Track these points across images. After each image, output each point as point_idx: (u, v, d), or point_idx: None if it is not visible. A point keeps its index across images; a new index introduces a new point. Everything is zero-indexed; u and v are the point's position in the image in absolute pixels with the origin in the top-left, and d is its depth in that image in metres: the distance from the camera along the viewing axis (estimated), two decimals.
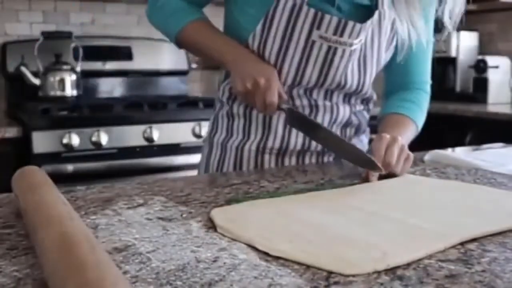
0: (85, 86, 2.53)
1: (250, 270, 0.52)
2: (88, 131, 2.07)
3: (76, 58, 2.49)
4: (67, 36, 2.47)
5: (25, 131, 2.03)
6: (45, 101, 2.32)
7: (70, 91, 2.39)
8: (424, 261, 0.55)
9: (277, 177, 0.95)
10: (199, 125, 2.26)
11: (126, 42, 2.75)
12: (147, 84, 2.82)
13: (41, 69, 2.39)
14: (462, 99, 3.09)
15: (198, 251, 0.57)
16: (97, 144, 2.08)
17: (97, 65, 2.65)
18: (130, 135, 2.16)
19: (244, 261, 0.54)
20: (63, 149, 2.03)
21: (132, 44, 2.75)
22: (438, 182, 0.92)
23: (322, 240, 0.60)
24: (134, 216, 0.70)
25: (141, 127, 2.18)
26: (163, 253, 0.56)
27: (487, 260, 0.56)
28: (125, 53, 2.73)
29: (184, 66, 2.88)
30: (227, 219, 0.66)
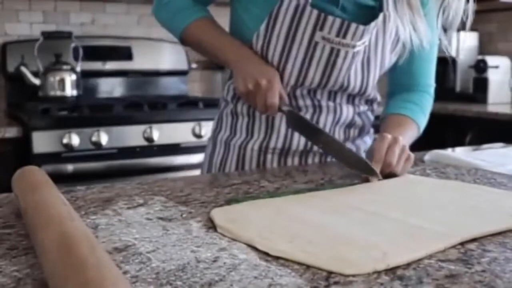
0: (85, 86, 2.53)
1: (250, 270, 0.52)
2: (88, 131, 2.07)
3: (76, 58, 2.49)
4: (67, 36, 2.47)
5: (25, 131, 2.02)
6: (45, 101, 2.31)
7: (70, 91, 2.39)
8: (424, 261, 0.55)
9: (277, 177, 0.95)
10: (199, 125, 2.26)
11: (126, 42, 2.75)
12: (147, 84, 2.82)
13: (41, 69, 2.38)
14: (462, 99, 3.09)
15: (198, 251, 0.57)
16: (97, 144, 2.08)
17: (97, 65, 2.65)
18: (130, 135, 2.16)
19: (244, 261, 0.54)
20: (63, 149, 2.03)
21: (132, 44, 2.75)
22: (438, 182, 0.92)
23: (322, 240, 0.60)
24: (134, 216, 0.70)
25: (141, 127, 2.17)
26: (163, 253, 0.56)
27: (487, 260, 0.56)
28: (125, 53, 2.73)
29: (184, 66, 2.88)
30: (227, 219, 0.66)
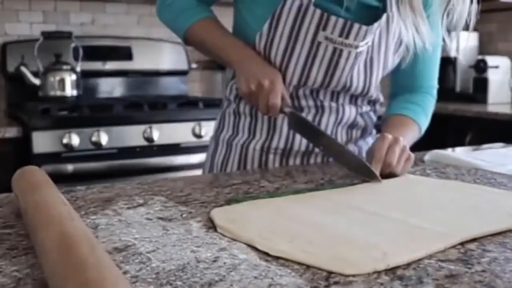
0: (85, 86, 2.53)
1: (250, 270, 0.52)
2: (88, 131, 2.07)
3: (76, 58, 2.49)
4: (67, 36, 2.47)
5: (25, 131, 2.02)
6: (45, 101, 2.31)
7: (70, 91, 2.39)
8: (424, 261, 0.55)
9: (277, 177, 0.95)
10: (199, 125, 2.26)
11: (126, 42, 2.74)
12: (147, 84, 2.82)
13: (41, 69, 2.38)
14: (462, 99, 3.09)
15: (198, 251, 0.57)
16: (97, 144, 2.08)
17: (97, 65, 2.65)
18: (130, 135, 2.16)
19: (244, 261, 0.54)
20: (63, 149, 2.03)
21: (132, 44, 2.75)
22: (438, 182, 0.92)
23: (322, 240, 0.60)
24: (134, 216, 0.70)
25: (141, 127, 2.17)
26: (163, 253, 0.56)
27: (487, 260, 0.56)
28: (125, 53, 2.73)
29: (184, 66, 2.88)
30: (227, 219, 0.66)
